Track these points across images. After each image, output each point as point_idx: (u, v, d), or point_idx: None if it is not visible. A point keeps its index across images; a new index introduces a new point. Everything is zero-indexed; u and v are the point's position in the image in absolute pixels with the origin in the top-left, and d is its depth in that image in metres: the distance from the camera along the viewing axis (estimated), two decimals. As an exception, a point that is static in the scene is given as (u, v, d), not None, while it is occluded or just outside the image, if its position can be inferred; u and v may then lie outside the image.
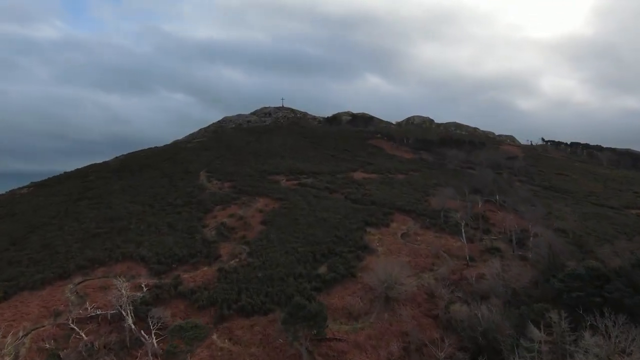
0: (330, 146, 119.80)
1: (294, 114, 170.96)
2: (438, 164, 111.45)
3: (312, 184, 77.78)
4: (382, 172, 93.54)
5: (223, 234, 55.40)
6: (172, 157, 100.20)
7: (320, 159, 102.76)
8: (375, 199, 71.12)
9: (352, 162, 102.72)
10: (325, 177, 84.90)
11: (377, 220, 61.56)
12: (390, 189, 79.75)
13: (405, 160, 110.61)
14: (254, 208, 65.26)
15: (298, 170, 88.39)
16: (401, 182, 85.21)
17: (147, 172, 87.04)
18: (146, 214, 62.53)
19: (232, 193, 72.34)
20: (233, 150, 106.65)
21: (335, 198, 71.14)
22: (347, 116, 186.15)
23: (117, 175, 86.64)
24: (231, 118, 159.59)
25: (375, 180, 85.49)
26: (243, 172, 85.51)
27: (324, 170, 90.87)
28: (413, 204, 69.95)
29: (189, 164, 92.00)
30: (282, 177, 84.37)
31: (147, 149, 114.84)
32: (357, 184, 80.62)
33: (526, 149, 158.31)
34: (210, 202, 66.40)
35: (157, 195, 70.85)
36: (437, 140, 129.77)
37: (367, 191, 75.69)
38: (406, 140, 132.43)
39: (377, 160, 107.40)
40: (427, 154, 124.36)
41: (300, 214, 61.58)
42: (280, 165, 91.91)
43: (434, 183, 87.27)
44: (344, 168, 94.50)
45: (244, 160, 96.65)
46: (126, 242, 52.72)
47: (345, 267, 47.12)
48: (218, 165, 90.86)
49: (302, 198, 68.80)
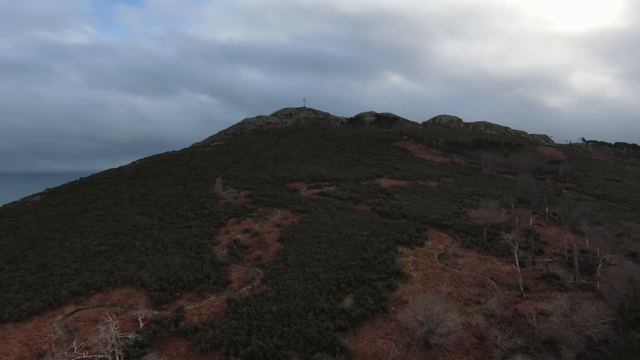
0: (354, 149, 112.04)
1: (315, 115, 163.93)
2: (472, 168, 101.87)
3: (335, 193, 70.37)
4: (412, 179, 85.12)
5: (235, 254, 48.80)
6: (188, 162, 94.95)
7: (344, 164, 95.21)
8: (406, 211, 63.03)
9: (378, 166, 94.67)
10: (349, 184, 77.34)
11: (409, 238, 53.57)
12: (422, 199, 71.37)
13: (436, 165, 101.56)
14: (271, 222, 58.47)
15: (319, 177, 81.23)
16: (433, 191, 76.60)
17: (160, 179, 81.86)
18: (154, 227, 56.75)
19: (248, 204, 65.86)
20: (251, 155, 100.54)
21: (361, 210, 63.46)
22: (371, 116, 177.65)
23: (130, 182, 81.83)
24: (251, 120, 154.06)
25: (405, 188, 77.24)
26: (261, 179, 79.06)
27: (348, 176, 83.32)
28: (450, 218, 61.46)
29: (204, 170, 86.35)
30: (303, 185, 77.40)
31: (164, 153, 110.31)
32: (384, 193, 72.64)
33: (566, 150, 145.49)
34: (223, 215, 60.06)
35: (167, 206, 65.16)
36: (470, 142, 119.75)
37: (396, 202, 67.64)
38: (435, 142, 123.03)
39: (404, 164, 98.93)
40: (458, 157, 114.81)
41: (322, 230, 54.33)
42: (301, 171, 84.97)
43: (470, 192, 78.24)
44: (369, 174, 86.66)
45: (262, 165, 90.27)
46: (128, 262, 46.88)
47: (375, 299, 39.51)
48: (235, 172, 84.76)
49: (324, 210, 61.52)
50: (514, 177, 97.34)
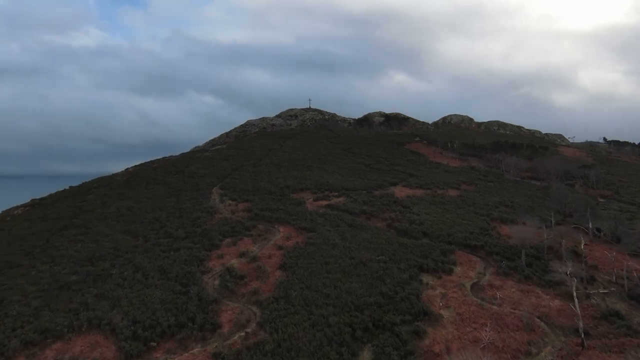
0: (363, 153, 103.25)
1: (321, 116, 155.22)
2: (493, 174, 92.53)
3: (345, 206, 61.72)
4: (429, 187, 76.18)
5: (228, 287, 40.46)
6: (184, 169, 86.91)
7: (353, 170, 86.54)
8: (427, 228, 54.26)
9: (391, 173, 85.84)
10: (360, 195, 68.67)
11: (435, 263, 44.83)
12: (443, 212, 62.47)
13: (453, 170, 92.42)
14: (272, 243, 50.09)
15: (327, 186, 72.69)
16: (455, 202, 67.64)
17: (152, 189, 73.87)
18: (137, 250, 48.65)
19: (246, 219, 57.54)
20: (253, 160, 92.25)
21: (375, 227, 54.78)
22: (379, 117, 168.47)
23: (119, 192, 73.96)
24: (254, 122, 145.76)
25: (422, 199, 68.37)
26: (262, 188, 70.72)
27: (358, 185, 74.64)
28: (479, 237, 52.59)
29: (201, 179, 78.20)
30: (308, 195, 68.92)
31: (161, 159, 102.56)
32: (400, 205, 63.85)
33: (587, 151, 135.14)
34: (218, 234, 51.82)
35: (156, 222, 57.07)
36: (489, 144, 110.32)
37: (415, 216, 58.86)
38: (450, 145, 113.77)
39: (419, 170, 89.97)
40: (476, 160, 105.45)
41: (331, 253, 45.80)
42: (306, 179, 76.50)
43: (496, 202, 69.14)
44: (381, 182, 77.90)
45: (264, 172, 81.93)
46: (100, 297, 38.80)
47: (400, 354, 30.94)
48: (234, 180, 76.51)
49: (333, 228, 52.97)
50: (540, 184, 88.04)
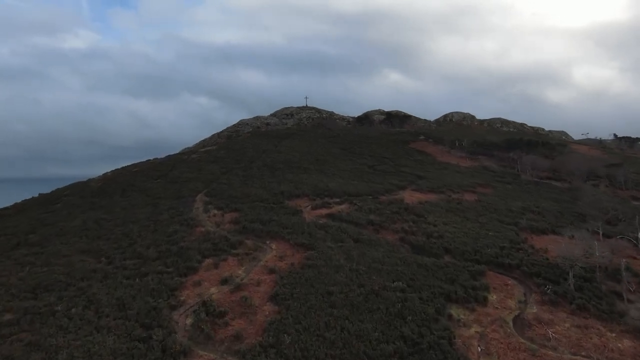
0: (365, 153, 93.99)
1: (319, 114, 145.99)
2: (508, 174, 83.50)
3: (349, 216, 52.35)
4: (442, 190, 66.98)
5: (203, 329, 30.93)
6: (168, 173, 77.39)
7: (355, 173, 77.22)
8: (448, 242, 44.97)
9: (397, 175, 76.58)
10: (365, 201, 59.34)
11: (464, 290, 35.51)
12: (463, 220, 53.23)
13: (465, 171, 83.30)
14: (262, 264, 40.64)
15: (327, 191, 63.29)
16: (475, 208, 58.40)
17: (128, 197, 64.32)
18: (95, 277, 39.10)
19: (233, 233, 48.10)
20: (244, 162, 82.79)
21: (386, 242, 45.38)
22: (379, 115, 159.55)
23: (91, 201, 64.37)
24: (247, 121, 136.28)
25: (437, 204, 59.10)
26: (253, 195, 61.27)
27: (362, 190, 65.27)
28: (511, 252, 43.34)
29: (184, 184, 68.69)
30: (306, 202, 59.55)
31: (145, 162, 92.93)
32: (413, 213, 54.52)
33: (599, 148, 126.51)
34: (197, 253, 42.32)
35: (125, 239, 47.53)
36: (502, 141, 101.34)
37: (431, 227, 49.56)
38: (458, 143, 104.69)
39: (428, 171, 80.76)
40: (487, 159, 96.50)
41: (334, 279, 36.38)
42: (303, 183, 67.12)
43: (520, 207, 59.96)
44: (388, 185, 68.62)
45: (256, 176, 72.49)
46: (32, 347, 29.25)
47: None
48: (222, 186, 67.02)
49: (336, 244, 43.55)
50: (561, 185, 79.06)
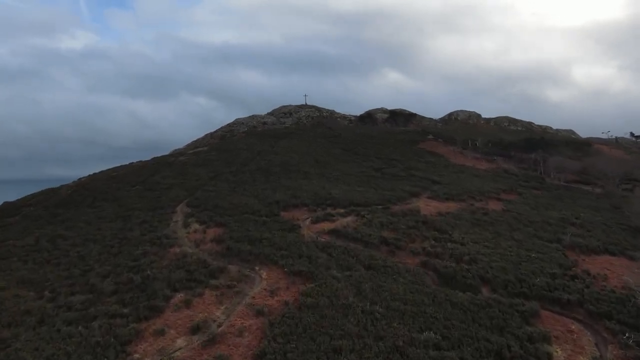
0: (371, 154, 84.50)
1: (319, 113, 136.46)
2: (532, 177, 73.99)
3: (357, 233, 42.68)
4: (462, 197, 57.46)
5: (155, 413, 21.34)
6: (148, 178, 67.87)
7: (362, 177, 67.67)
8: (484, 269, 35.35)
9: (409, 179, 67.02)
10: (375, 212, 49.70)
11: (518, 343, 25.88)
12: (495, 237, 43.59)
13: (483, 174, 73.78)
14: (248, 302, 31.03)
15: (329, 199, 53.74)
16: (505, 220, 48.78)
17: (98, 207, 54.81)
18: (28, 321, 29.61)
19: (215, 256, 38.54)
20: (236, 166, 73.29)
21: (407, 269, 35.71)
22: (382, 113, 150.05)
23: (54, 212, 54.86)
24: (243, 120, 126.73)
25: (460, 216, 49.50)
26: (243, 205, 51.74)
27: (371, 197, 55.69)
28: (565, 283, 33.67)
29: (165, 192, 59.18)
30: (305, 213, 50.05)
31: (127, 165, 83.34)
32: (433, 227, 44.88)
33: (618, 147, 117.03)
34: (166, 286, 32.78)
35: (79, 264, 38.01)
36: (520, 141, 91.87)
37: (459, 246, 39.95)
38: (471, 143, 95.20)
39: (442, 174, 71.22)
40: (505, 161, 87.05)
41: (343, 328, 26.76)
42: (302, 190, 57.61)
43: (558, 219, 50.35)
44: (399, 192, 59.03)
45: (248, 181, 62.97)
46: None
47: None
48: (207, 194, 57.49)
49: (344, 273, 33.93)
50: (592, 190, 69.53)
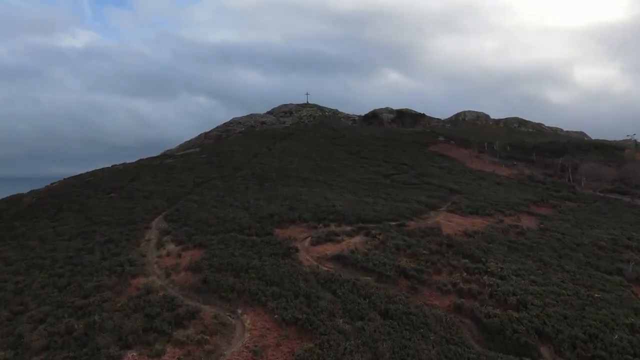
0: (379, 158, 75.64)
1: (321, 112, 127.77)
2: (562, 185, 64.98)
3: (368, 260, 33.71)
4: (488, 211, 48.54)
5: None
6: (127, 184, 59.19)
7: (369, 185, 58.79)
8: (538, 317, 26.38)
9: (423, 188, 58.13)
10: (389, 231, 40.68)
11: None
12: (540, 265, 34.59)
13: (507, 182, 64.83)
14: (222, 368, 22.22)
15: (332, 213, 44.77)
16: (547, 243, 39.71)
17: (59, 220, 46.10)
18: None
19: (187, 291, 29.73)
20: (228, 171, 64.55)
21: (436, 316, 26.73)
22: (388, 113, 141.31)
23: (9, 225, 46.18)
24: (240, 119, 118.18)
25: (491, 236, 40.48)
26: (230, 220, 42.93)
27: (381, 211, 46.69)
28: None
29: (141, 201, 50.49)
30: (303, 230, 41.22)
31: (109, 168, 74.65)
32: (461, 252, 35.86)
33: None
34: (113, 342, 24.01)
35: (8, 305, 29.27)
36: (545, 144, 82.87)
37: (498, 281, 30.90)
38: (487, 146, 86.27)
39: (461, 182, 62.32)
40: (527, 166, 78.12)
41: None
42: (301, 201, 48.80)
43: (610, 240, 41.31)
44: (414, 204, 50.05)
45: (239, 189, 54.22)
46: None
47: None
48: (189, 205, 48.72)
49: (353, 325, 25.02)
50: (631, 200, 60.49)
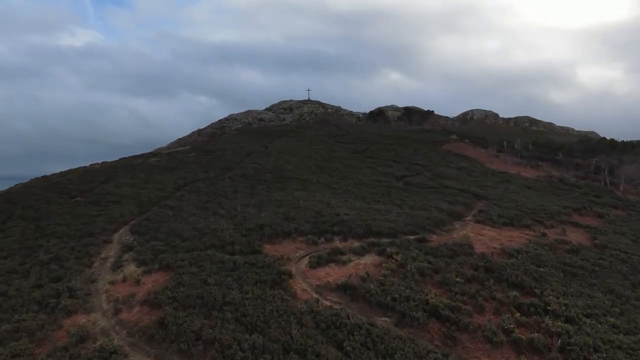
0: (388, 157, 66.98)
1: (323, 109, 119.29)
2: (600, 190, 56.08)
3: (385, 293, 25.01)
4: (525, 222, 39.75)
5: None
6: (98, 186, 50.86)
7: (379, 188, 50.10)
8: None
9: (442, 192, 49.34)
10: (408, 248, 31.90)
11: None
12: (613, 300, 25.91)
13: (537, 185, 56.01)
14: None
15: (337, 224, 36.05)
16: (610, 265, 30.81)
17: (3, 232, 37.77)
18: None
19: (135, 341, 21.19)
20: (216, 171, 56.13)
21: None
22: (393, 110, 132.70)
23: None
24: (237, 116, 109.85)
25: (537, 256, 31.57)
26: (210, 233, 34.40)
27: (397, 221, 37.88)
28: None
29: (109, 208, 42.07)
30: (300, 246, 32.63)
31: (78, 169, 66.02)
32: (503, 279, 27.09)
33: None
34: None
35: None
36: (575, 143, 73.96)
37: (568, 328, 22.29)
38: (506, 145, 77.47)
39: (485, 185, 53.54)
40: (552, 167, 69.30)
41: None
42: (299, 208, 40.22)
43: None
44: (434, 212, 41.24)
45: (227, 194, 45.72)
46: None
47: None
48: (162, 213, 40.22)
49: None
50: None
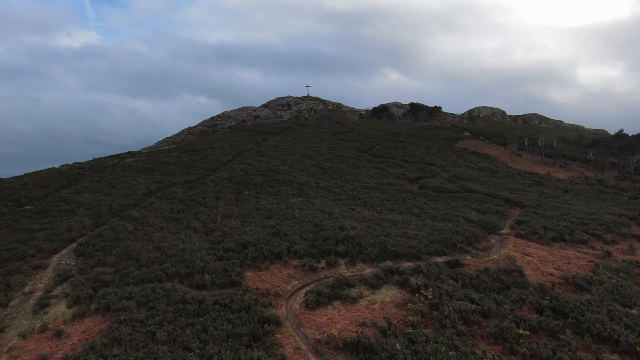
0: (397, 155, 58.54)
1: (324, 106, 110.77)
2: (649, 194, 47.64)
3: (416, 355, 16.75)
4: (578, 237, 31.32)
5: None
6: (56, 191, 42.40)
7: (391, 194, 41.53)
8: None
9: (468, 199, 40.81)
10: (438, 276, 23.50)
11: None
12: None
13: (574, 188, 47.52)
14: None
15: (343, 241, 27.55)
16: None
17: None
18: None
19: None
20: (198, 173, 47.64)
21: None
22: (398, 108, 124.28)
23: None
24: (231, 113, 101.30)
25: (617, 287, 23.28)
26: (178, 255, 25.95)
27: (420, 239, 29.30)
28: None
29: (58, 219, 33.60)
30: (295, 277, 24.19)
31: (40, 171, 57.38)
32: (584, 328, 18.68)
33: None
34: None
35: None
36: (612, 140, 65.50)
37: None
38: (528, 143, 68.98)
39: (516, 190, 45.01)
40: (581, 165, 60.92)
41: None
42: (294, 220, 31.72)
43: None
44: (463, 224, 32.70)
45: (207, 202, 37.19)
46: None
47: None
48: (124, 226, 31.71)
49: None
50: None
